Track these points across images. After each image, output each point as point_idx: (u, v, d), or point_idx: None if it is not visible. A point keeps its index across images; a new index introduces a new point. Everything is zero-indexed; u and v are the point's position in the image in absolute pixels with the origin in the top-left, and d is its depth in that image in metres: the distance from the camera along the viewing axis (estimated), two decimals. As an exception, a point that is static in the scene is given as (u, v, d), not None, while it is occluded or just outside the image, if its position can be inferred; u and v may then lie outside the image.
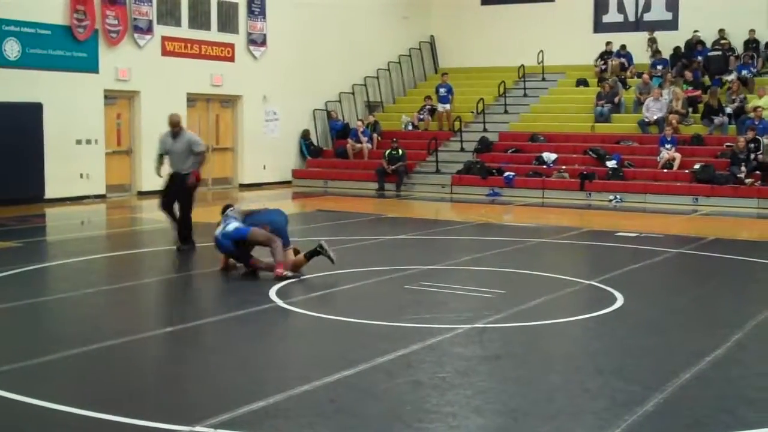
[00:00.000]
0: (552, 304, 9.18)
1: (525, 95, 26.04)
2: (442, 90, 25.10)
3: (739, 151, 19.88)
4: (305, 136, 25.05)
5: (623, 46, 25.84)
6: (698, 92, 23.05)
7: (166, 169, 12.63)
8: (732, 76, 23.05)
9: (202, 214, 13.49)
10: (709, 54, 24.19)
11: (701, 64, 24.21)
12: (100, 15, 19.79)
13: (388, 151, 23.04)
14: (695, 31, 24.94)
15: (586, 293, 9.84)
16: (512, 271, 11.05)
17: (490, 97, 25.65)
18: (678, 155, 20.79)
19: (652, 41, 25.45)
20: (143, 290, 9.96)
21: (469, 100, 25.49)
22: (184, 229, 12.34)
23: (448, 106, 24.96)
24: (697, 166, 20.29)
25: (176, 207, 12.45)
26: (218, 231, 10.29)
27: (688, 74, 23.64)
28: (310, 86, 24.83)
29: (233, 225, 10.22)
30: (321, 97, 25.55)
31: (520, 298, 9.23)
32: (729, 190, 19.62)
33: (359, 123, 24.89)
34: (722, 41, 24.43)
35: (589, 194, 20.85)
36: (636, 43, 25.81)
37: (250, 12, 23.33)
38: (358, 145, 24.27)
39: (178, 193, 12.43)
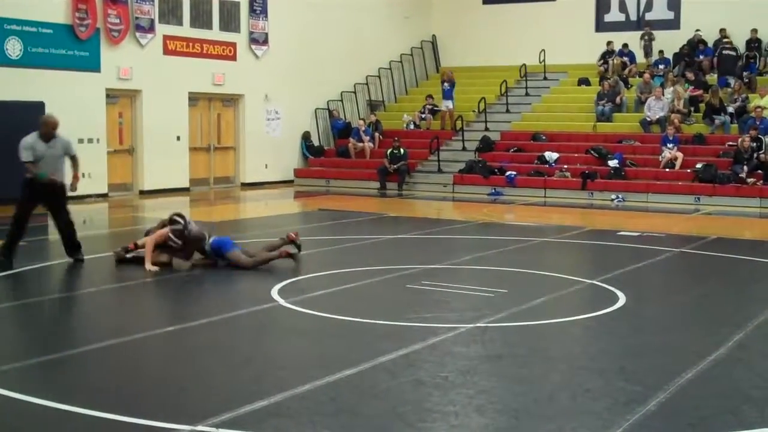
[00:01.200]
0: (554, 303, 9.17)
1: (527, 94, 26.03)
2: (446, 84, 24.95)
3: (743, 151, 19.86)
4: (306, 137, 25.04)
5: (625, 45, 25.80)
6: (700, 92, 23.02)
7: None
8: (738, 83, 22.86)
9: (204, 214, 13.55)
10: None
11: (702, 63, 24.18)
12: (101, 14, 19.80)
13: (389, 150, 23.04)
14: (696, 30, 24.89)
15: (587, 292, 9.84)
16: (514, 271, 11.04)
17: (491, 96, 25.64)
18: (680, 154, 20.78)
19: (648, 36, 25.35)
20: (144, 289, 9.95)
21: (470, 100, 25.47)
22: (72, 239, 11.20)
23: (450, 104, 24.85)
24: (699, 166, 20.28)
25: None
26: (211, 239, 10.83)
27: (690, 75, 23.62)
28: (312, 85, 24.84)
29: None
30: (323, 96, 25.55)
31: (521, 297, 9.22)
32: (731, 190, 19.60)
33: (361, 122, 24.88)
34: (725, 40, 24.38)
35: (591, 193, 20.84)
36: (638, 43, 25.78)
37: (252, 11, 23.33)
38: (360, 144, 24.26)
39: (56, 203, 11.10)
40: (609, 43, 25.92)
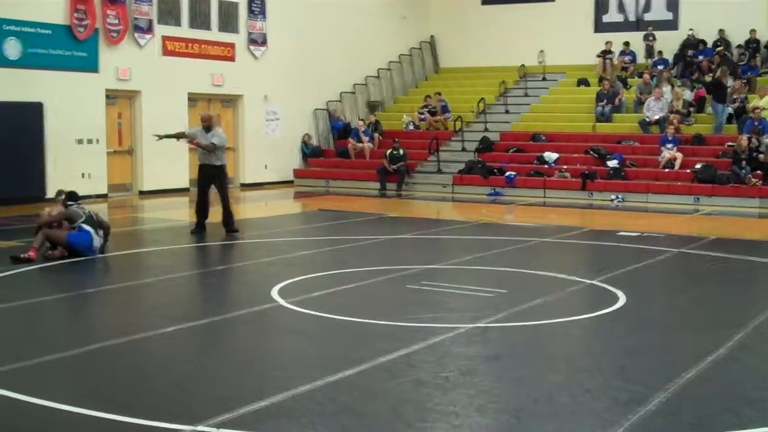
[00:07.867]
0: (553, 303, 9.17)
1: (526, 95, 26.05)
2: (440, 105, 25.32)
3: (741, 151, 19.86)
4: (305, 141, 25.04)
5: (627, 43, 25.80)
6: (695, 92, 23.01)
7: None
8: (738, 83, 22.87)
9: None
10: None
11: (701, 63, 24.20)
12: (100, 14, 19.79)
13: (389, 151, 23.03)
14: (689, 30, 24.92)
15: (587, 293, 9.84)
16: (514, 271, 11.04)
17: (491, 96, 25.66)
18: (679, 155, 20.78)
19: (651, 36, 25.35)
20: (144, 290, 9.95)
21: (470, 100, 25.49)
22: (228, 217, 14.15)
23: (448, 116, 25.08)
24: (698, 166, 20.28)
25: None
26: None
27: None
28: (311, 86, 24.84)
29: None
30: (322, 96, 25.55)
31: (521, 297, 9.22)
32: (730, 190, 19.60)
33: (360, 122, 24.88)
34: (716, 49, 24.42)
35: (591, 194, 20.84)
36: (636, 43, 25.80)
37: (251, 11, 23.33)
38: (360, 145, 24.26)
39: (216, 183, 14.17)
40: (607, 43, 25.90)
